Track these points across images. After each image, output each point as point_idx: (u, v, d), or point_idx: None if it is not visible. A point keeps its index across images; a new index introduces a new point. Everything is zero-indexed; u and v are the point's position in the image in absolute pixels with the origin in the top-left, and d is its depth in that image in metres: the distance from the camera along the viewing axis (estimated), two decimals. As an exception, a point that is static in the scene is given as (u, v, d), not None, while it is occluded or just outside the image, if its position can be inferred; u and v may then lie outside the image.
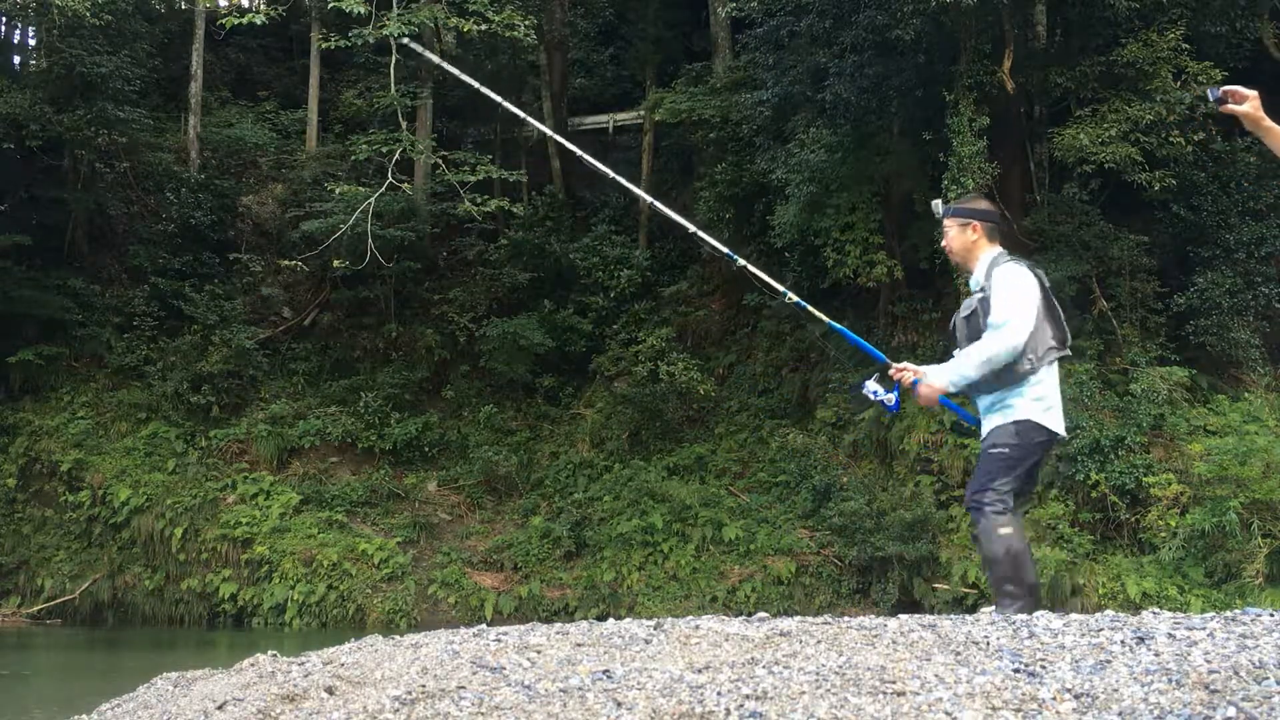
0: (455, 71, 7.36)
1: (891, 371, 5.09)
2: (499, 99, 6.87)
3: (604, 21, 26.21)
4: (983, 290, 4.90)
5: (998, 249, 5.04)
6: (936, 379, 4.96)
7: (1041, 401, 4.82)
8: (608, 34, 26.20)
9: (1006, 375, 4.80)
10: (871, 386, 5.09)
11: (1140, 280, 16.01)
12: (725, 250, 6.32)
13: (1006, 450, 4.79)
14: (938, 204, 5.33)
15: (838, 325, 5.75)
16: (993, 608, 4.47)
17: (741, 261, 6.04)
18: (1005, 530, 4.62)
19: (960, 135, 15.07)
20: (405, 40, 11.21)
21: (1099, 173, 15.25)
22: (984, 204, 5.33)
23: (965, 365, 4.84)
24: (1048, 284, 4.96)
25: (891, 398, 5.03)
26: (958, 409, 5.36)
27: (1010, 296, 4.79)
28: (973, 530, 4.89)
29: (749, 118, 19.43)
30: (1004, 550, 4.59)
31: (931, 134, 16.02)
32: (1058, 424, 4.90)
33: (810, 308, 5.87)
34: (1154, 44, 14.53)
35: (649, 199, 6.38)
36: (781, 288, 5.97)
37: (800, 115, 17.94)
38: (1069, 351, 4.97)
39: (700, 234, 6.41)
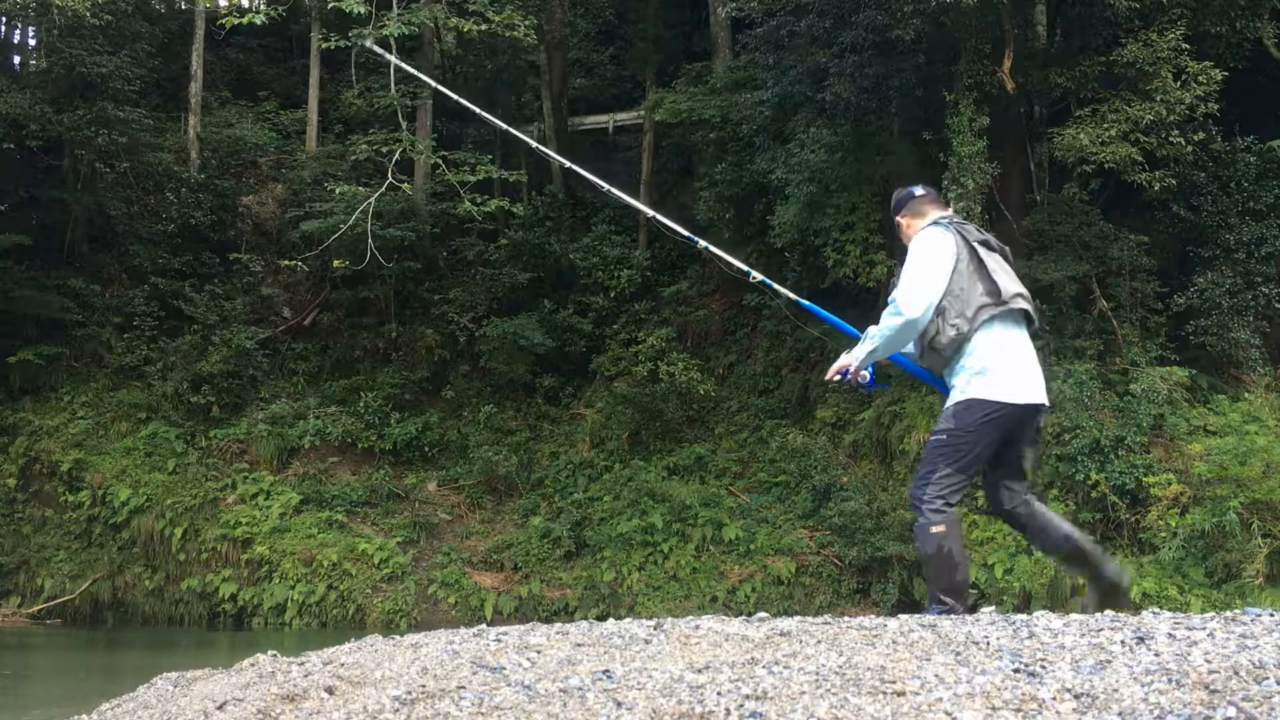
0: (418, 74, 7.31)
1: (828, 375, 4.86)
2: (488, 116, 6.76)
3: (604, 21, 26.20)
4: None
5: (939, 213, 4.82)
6: (847, 356, 4.76)
7: (983, 374, 4.49)
8: (608, 34, 26.20)
9: (942, 350, 4.57)
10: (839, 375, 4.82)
11: (1140, 280, 16.01)
12: (685, 233, 6.05)
13: (944, 436, 4.55)
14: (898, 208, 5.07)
15: (805, 302, 5.52)
16: (992, 608, 4.46)
17: (702, 243, 5.88)
18: (938, 529, 4.45)
19: (960, 135, 15.07)
20: (367, 43, 11.13)
21: (1099, 173, 15.24)
22: (913, 186, 5.05)
23: (868, 343, 4.69)
24: (981, 238, 4.68)
25: (865, 375, 4.77)
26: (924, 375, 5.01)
27: (908, 270, 4.60)
28: (915, 523, 4.65)
29: (749, 118, 19.43)
30: (936, 549, 4.44)
31: (931, 134, 16.01)
32: (1009, 392, 4.47)
33: (775, 285, 5.64)
34: (1154, 44, 14.52)
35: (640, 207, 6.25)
36: (745, 267, 5.73)
37: (800, 115, 17.94)
38: (1018, 305, 4.57)
39: (663, 219, 6.13)
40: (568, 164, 6.15)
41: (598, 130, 25.72)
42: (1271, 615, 3.50)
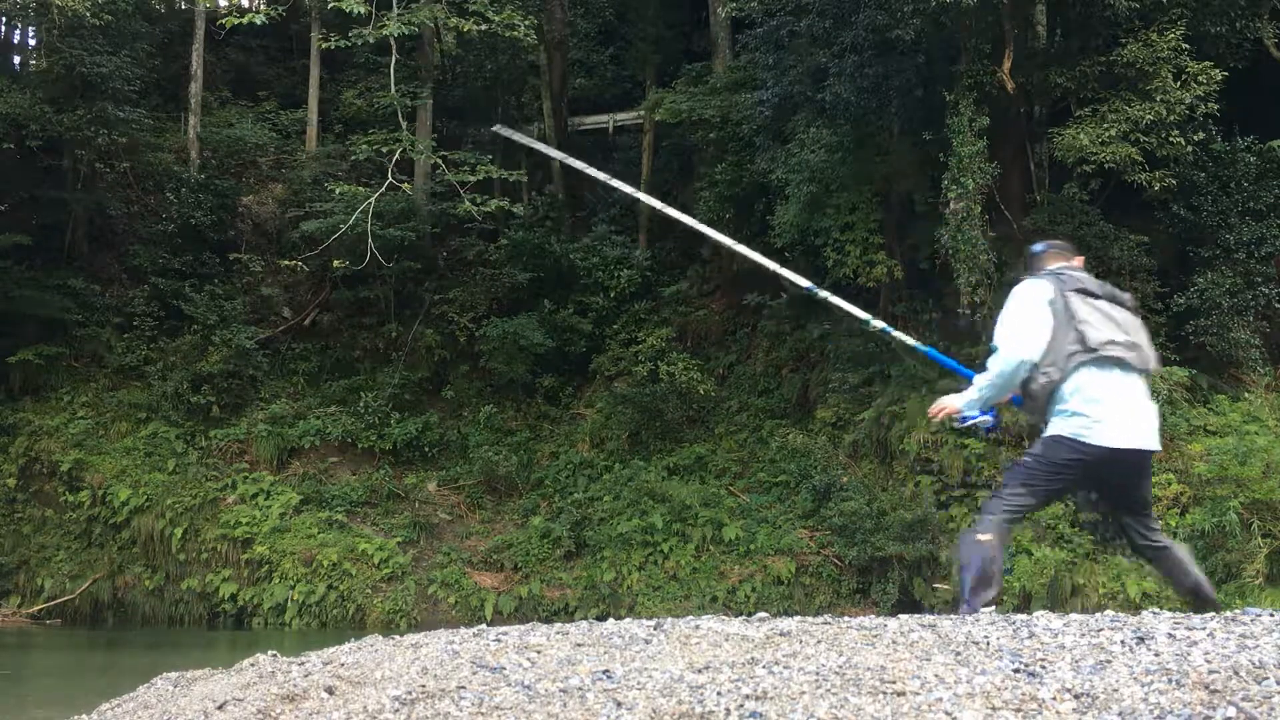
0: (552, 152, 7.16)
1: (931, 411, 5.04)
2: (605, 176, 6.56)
3: (604, 21, 26.22)
4: None
5: (1049, 266, 4.98)
6: (955, 399, 4.95)
7: (1077, 417, 4.60)
8: (608, 34, 26.21)
9: (1036, 396, 4.71)
10: (961, 415, 4.93)
11: (1140, 280, 16.01)
12: (805, 284, 6.17)
13: (1029, 460, 4.74)
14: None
15: (924, 347, 5.75)
16: (992, 608, 4.47)
17: (823, 294, 5.98)
18: (984, 537, 4.56)
19: (960, 135, 15.07)
20: (497, 128, 11.29)
21: (1099, 173, 15.24)
22: (1038, 243, 5.25)
23: (973, 391, 4.87)
24: (1078, 286, 4.78)
25: (987, 419, 4.92)
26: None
27: (1004, 321, 4.79)
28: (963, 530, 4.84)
29: (749, 118, 19.43)
30: (979, 560, 4.53)
31: (931, 134, 16.00)
32: (1102, 436, 4.56)
33: (895, 332, 5.87)
34: (1154, 44, 14.52)
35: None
36: (865, 314, 5.92)
37: (800, 115, 17.94)
38: (1110, 353, 4.63)
39: (780, 269, 6.27)
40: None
41: (598, 130, 25.72)
42: (1271, 615, 3.50)
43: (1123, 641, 3.16)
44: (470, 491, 19.28)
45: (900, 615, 3.99)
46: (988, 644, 3.25)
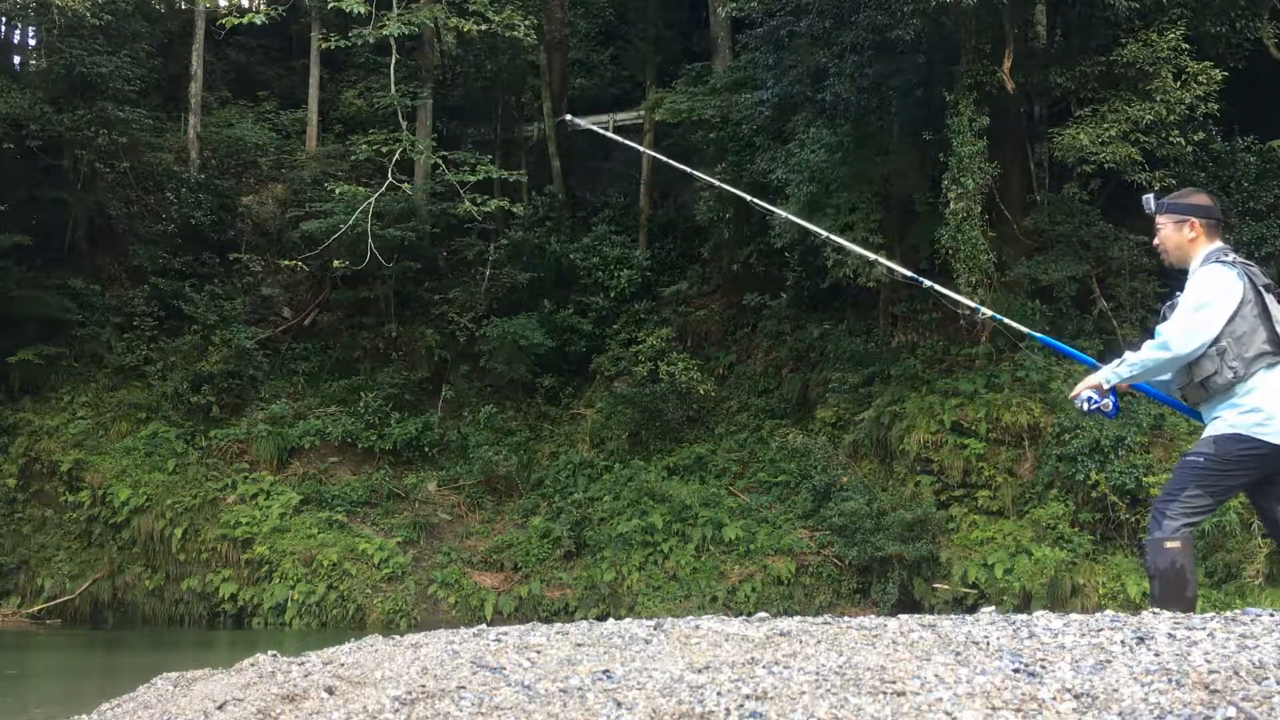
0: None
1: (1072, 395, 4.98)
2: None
3: (604, 21, 26.21)
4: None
5: (1215, 244, 4.76)
6: (1094, 375, 4.84)
7: (1255, 413, 4.49)
8: (608, 34, 26.21)
9: (1214, 389, 4.59)
10: (1085, 394, 4.85)
11: (1140, 280, 16.01)
12: (909, 274, 6.25)
13: (1200, 460, 4.61)
14: (1149, 199, 5.01)
15: (1041, 335, 5.74)
16: (992, 608, 4.47)
17: (927, 283, 6.08)
18: (1173, 545, 4.48)
19: (960, 135, 15.06)
20: (568, 118, 11.12)
21: (1099, 173, 15.24)
22: (1202, 198, 4.95)
23: (1120, 366, 4.75)
24: (1265, 282, 4.64)
25: (1108, 404, 4.83)
26: (1170, 400, 5.10)
27: (1187, 305, 4.62)
28: (1144, 537, 4.69)
29: (749, 118, 19.42)
30: (1169, 565, 4.47)
31: (931, 134, 15.98)
32: (1278, 434, 4.47)
33: (1007, 320, 5.90)
34: (1154, 44, 14.52)
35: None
36: (974, 304, 6.07)
37: (800, 115, 17.93)
38: None
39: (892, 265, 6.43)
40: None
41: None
42: (1271, 615, 3.50)
43: (1123, 641, 3.16)
44: (470, 491, 19.28)
45: (900, 615, 3.99)
46: (988, 644, 3.25)
